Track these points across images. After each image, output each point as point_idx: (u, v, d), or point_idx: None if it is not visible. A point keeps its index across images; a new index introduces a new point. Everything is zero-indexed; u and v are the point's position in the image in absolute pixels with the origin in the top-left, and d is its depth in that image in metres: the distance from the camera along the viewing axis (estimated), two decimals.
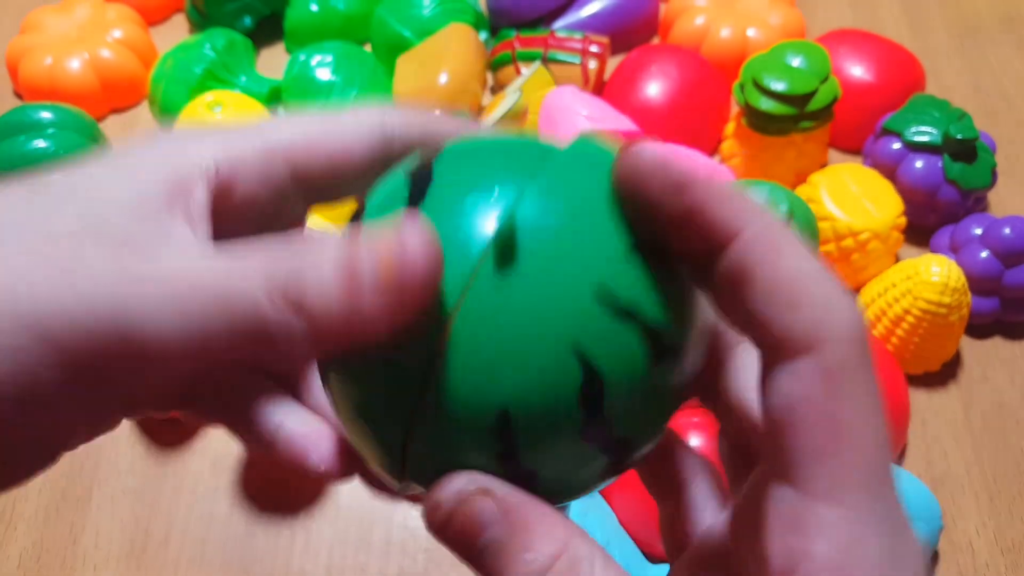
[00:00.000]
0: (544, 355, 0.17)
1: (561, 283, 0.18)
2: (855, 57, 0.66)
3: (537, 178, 0.19)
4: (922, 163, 0.59)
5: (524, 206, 0.18)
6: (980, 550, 0.49)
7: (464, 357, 0.18)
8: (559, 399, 0.18)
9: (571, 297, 0.18)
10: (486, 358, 0.18)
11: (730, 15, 0.70)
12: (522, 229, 0.18)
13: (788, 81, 0.58)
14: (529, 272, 0.18)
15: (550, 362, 0.17)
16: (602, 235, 0.18)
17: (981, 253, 0.55)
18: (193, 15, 0.74)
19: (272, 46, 0.75)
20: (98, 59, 0.68)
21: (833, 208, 0.57)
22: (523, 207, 0.18)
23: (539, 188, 0.18)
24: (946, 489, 0.51)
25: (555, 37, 0.67)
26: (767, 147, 0.61)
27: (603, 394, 0.18)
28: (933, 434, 0.54)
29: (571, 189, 0.19)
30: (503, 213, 0.18)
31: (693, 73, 0.65)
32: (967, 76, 0.72)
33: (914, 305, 0.51)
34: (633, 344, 0.18)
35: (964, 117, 0.59)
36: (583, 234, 0.18)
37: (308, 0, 0.72)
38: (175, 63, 0.67)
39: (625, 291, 0.18)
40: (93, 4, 0.72)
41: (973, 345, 0.57)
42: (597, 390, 0.18)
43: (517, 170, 0.19)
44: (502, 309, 0.17)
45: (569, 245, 0.18)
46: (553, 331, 0.17)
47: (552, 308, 0.17)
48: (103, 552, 0.49)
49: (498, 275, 0.18)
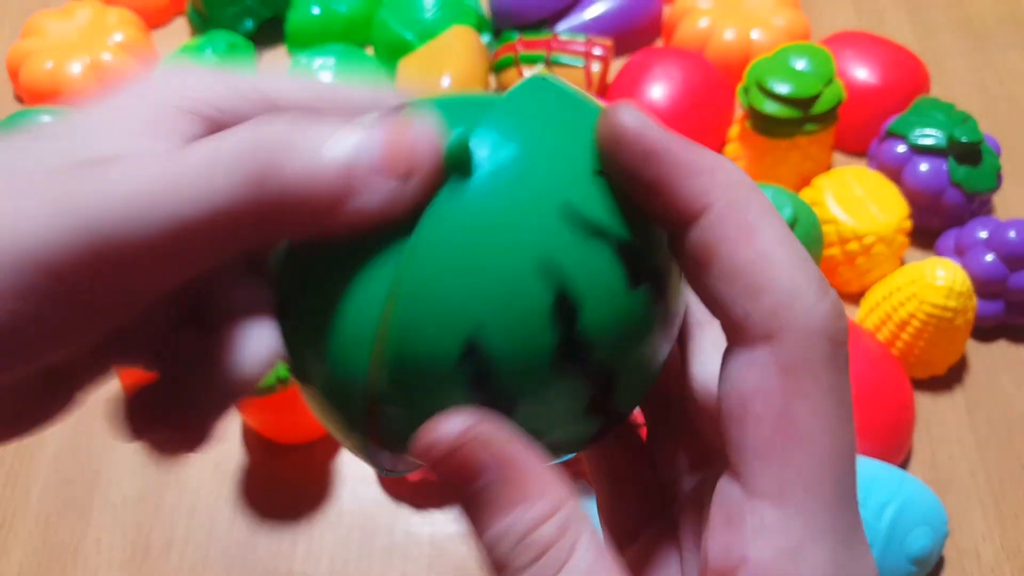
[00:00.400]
0: (509, 274, 0.17)
1: (523, 200, 0.17)
2: (859, 60, 0.65)
3: (494, 107, 0.18)
4: (927, 166, 0.58)
5: (482, 125, 0.18)
6: (986, 555, 0.49)
7: (424, 284, 0.17)
8: (529, 319, 0.17)
9: (534, 214, 0.17)
10: (448, 282, 0.17)
11: (734, 17, 0.70)
12: (479, 146, 0.17)
13: (792, 84, 0.58)
14: (488, 190, 0.17)
15: (516, 281, 0.17)
16: (566, 157, 0.18)
17: (986, 256, 0.55)
18: (194, 18, 0.74)
19: (273, 49, 0.74)
20: (99, 63, 0.68)
21: (838, 211, 0.56)
22: (481, 126, 0.18)
23: (496, 112, 0.18)
24: (952, 494, 0.51)
25: (558, 40, 0.67)
26: (771, 150, 0.61)
27: (577, 313, 0.17)
28: (938, 438, 0.53)
29: (530, 113, 0.18)
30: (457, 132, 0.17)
31: (697, 76, 0.64)
32: (972, 79, 0.72)
33: (919, 309, 0.51)
34: (604, 261, 0.17)
35: (969, 120, 0.59)
36: (545, 154, 0.18)
37: (310, 3, 0.72)
38: None
39: (592, 209, 0.17)
40: (94, 8, 0.72)
41: (979, 349, 0.57)
42: (570, 308, 0.17)
43: (476, 106, 0.19)
44: (461, 229, 0.17)
45: (530, 163, 0.17)
46: (517, 249, 0.17)
47: (514, 225, 0.17)
48: (104, 559, 0.49)
49: (456, 195, 0.17)
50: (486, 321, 0.17)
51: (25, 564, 0.49)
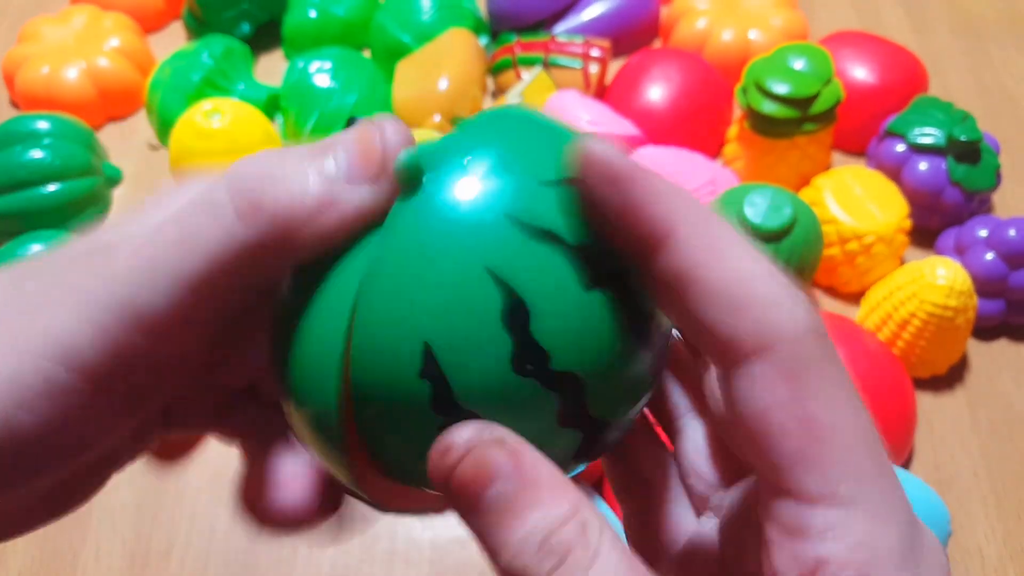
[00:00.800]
0: (459, 280, 0.17)
1: (472, 208, 0.18)
2: (858, 59, 0.65)
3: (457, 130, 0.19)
4: (926, 165, 0.58)
5: (432, 145, 0.19)
6: (989, 555, 0.49)
7: (381, 295, 0.17)
8: (481, 325, 0.17)
9: (483, 221, 0.17)
10: (403, 294, 0.17)
11: (732, 18, 0.70)
12: (427, 161, 0.18)
13: (791, 84, 0.57)
14: (438, 201, 0.18)
15: (466, 287, 0.17)
16: (523, 168, 0.18)
17: (986, 255, 0.55)
18: (190, 22, 0.74)
19: (270, 52, 0.74)
20: (95, 68, 0.68)
21: (837, 211, 0.56)
22: (430, 146, 0.19)
23: (456, 132, 0.19)
24: (954, 493, 0.51)
25: (556, 41, 0.67)
26: (770, 150, 0.61)
27: (529, 316, 0.17)
28: (940, 438, 0.53)
29: (488, 131, 0.19)
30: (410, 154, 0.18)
31: (695, 76, 0.64)
32: (970, 77, 0.72)
33: (920, 308, 0.51)
34: (556, 264, 0.18)
35: (968, 119, 0.59)
36: (501, 165, 0.18)
37: (307, 6, 0.72)
38: (173, 71, 0.67)
39: (543, 213, 0.18)
40: (90, 13, 0.71)
41: (979, 348, 0.57)
42: (522, 312, 0.17)
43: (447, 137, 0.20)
44: (414, 236, 0.17)
45: (483, 173, 0.18)
46: (466, 254, 0.17)
47: (463, 233, 0.17)
48: (104, 567, 0.49)
49: (408, 206, 0.18)
50: (440, 329, 0.17)
51: (24, 573, 0.48)
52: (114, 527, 0.50)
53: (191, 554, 0.49)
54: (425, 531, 0.49)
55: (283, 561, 0.49)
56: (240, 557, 0.49)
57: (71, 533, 0.50)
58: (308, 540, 0.49)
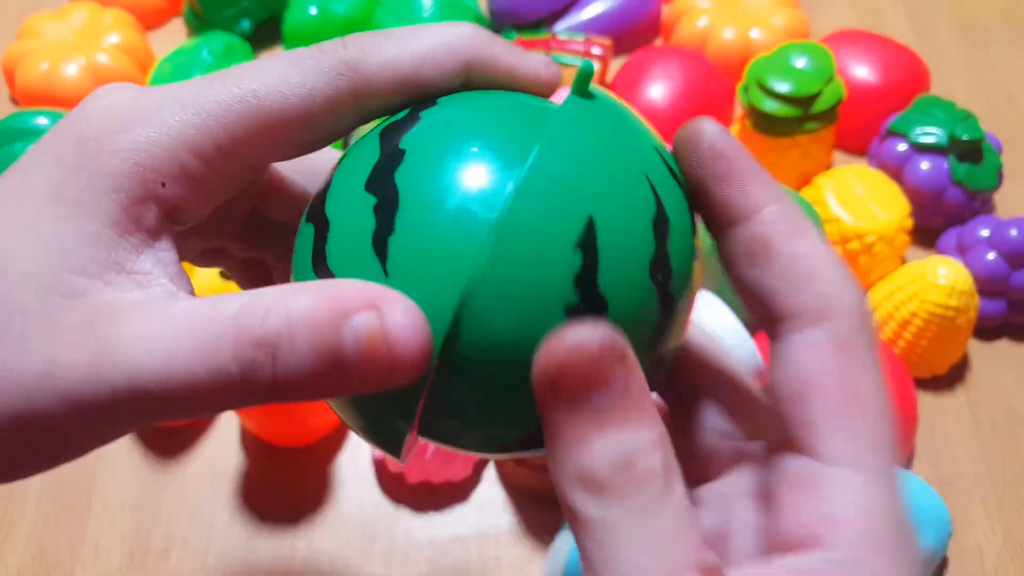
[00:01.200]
0: (624, 174, 0.19)
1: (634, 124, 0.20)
2: (860, 58, 0.65)
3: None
4: (928, 164, 0.58)
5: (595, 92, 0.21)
6: (989, 555, 0.49)
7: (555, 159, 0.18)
8: (635, 219, 0.19)
9: (642, 136, 0.20)
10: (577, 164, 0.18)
11: (733, 16, 0.70)
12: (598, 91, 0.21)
13: (792, 82, 0.57)
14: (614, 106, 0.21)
15: (629, 182, 0.19)
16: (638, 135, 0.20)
17: (988, 255, 0.55)
18: (191, 19, 0.74)
19: (271, 50, 0.74)
20: (95, 64, 0.68)
21: (839, 210, 0.56)
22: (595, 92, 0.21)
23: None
24: (954, 493, 0.51)
25: (557, 39, 0.67)
26: (771, 149, 0.61)
27: (669, 231, 0.19)
28: (941, 438, 0.53)
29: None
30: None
31: (696, 75, 0.64)
32: (972, 77, 0.72)
33: (921, 308, 0.51)
34: (680, 198, 0.20)
35: (970, 118, 0.59)
36: (638, 119, 0.21)
37: (307, 3, 0.71)
38: (173, 68, 0.66)
39: (671, 156, 0.21)
40: (90, 9, 0.71)
41: (981, 348, 0.57)
42: (665, 224, 0.19)
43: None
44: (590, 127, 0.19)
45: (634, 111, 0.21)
46: (631, 153, 0.19)
47: (631, 134, 0.20)
48: (103, 564, 0.48)
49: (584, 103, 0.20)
50: (607, 209, 0.18)
51: (23, 570, 0.48)
52: (113, 524, 0.50)
53: (190, 551, 0.49)
54: (424, 529, 0.49)
55: (282, 558, 0.48)
56: (239, 553, 0.49)
57: (70, 530, 0.50)
58: (307, 540, 0.49)
